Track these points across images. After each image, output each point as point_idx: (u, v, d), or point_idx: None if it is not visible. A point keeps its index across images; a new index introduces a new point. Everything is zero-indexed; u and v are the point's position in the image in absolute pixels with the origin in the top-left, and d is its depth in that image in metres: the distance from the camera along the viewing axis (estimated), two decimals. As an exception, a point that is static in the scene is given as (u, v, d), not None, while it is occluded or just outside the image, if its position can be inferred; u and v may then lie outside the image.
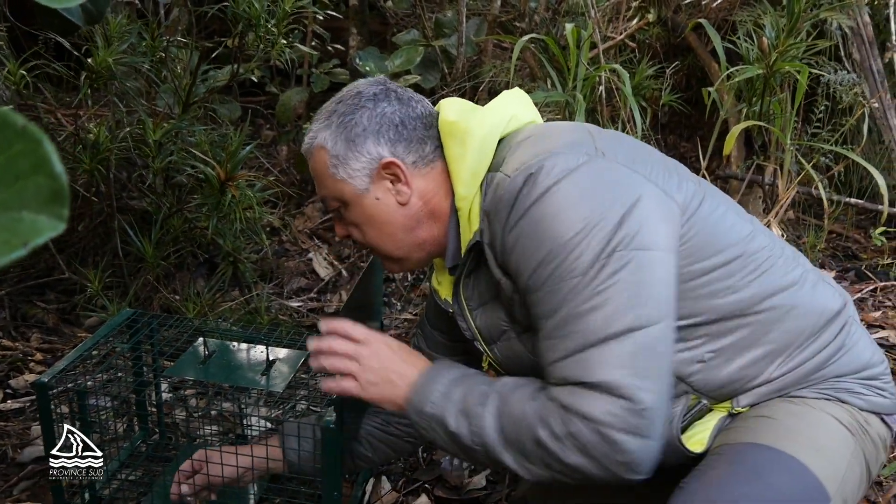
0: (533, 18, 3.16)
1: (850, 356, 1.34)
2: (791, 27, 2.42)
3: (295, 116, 3.34)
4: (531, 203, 1.22)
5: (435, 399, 1.31)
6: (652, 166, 1.30)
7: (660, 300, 1.20)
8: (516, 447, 1.24)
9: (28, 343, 2.67)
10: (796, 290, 1.32)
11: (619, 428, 1.15)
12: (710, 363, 1.30)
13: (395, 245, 1.46)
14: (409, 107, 1.44)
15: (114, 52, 2.06)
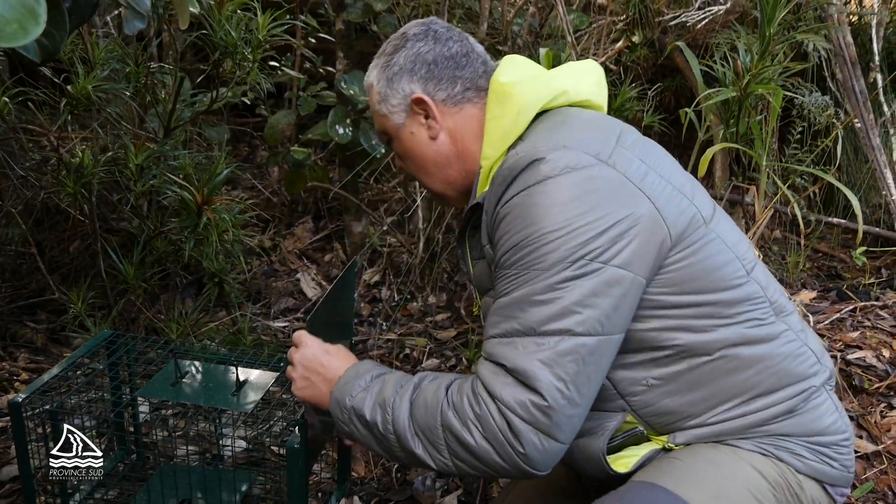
0: (516, 42, 3.20)
1: (801, 419, 1.34)
2: (763, 50, 2.45)
3: (283, 139, 3.39)
4: (526, 187, 1.27)
5: (355, 393, 1.36)
6: (664, 187, 1.31)
7: (608, 316, 1.23)
8: (426, 434, 1.29)
9: (15, 363, 2.71)
10: (765, 346, 1.33)
11: (523, 418, 1.21)
12: (653, 389, 1.32)
13: (430, 179, 1.57)
14: (445, 46, 1.51)
15: (93, 80, 2.11)
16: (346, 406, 1.37)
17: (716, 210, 1.40)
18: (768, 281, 1.40)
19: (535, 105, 1.41)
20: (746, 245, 1.41)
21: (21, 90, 2.36)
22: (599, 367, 1.25)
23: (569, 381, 1.21)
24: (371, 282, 3.38)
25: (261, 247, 3.60)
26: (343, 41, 3.26)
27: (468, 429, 1.25)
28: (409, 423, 1.31)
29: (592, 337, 1.22)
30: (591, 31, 3.68)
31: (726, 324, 1.31)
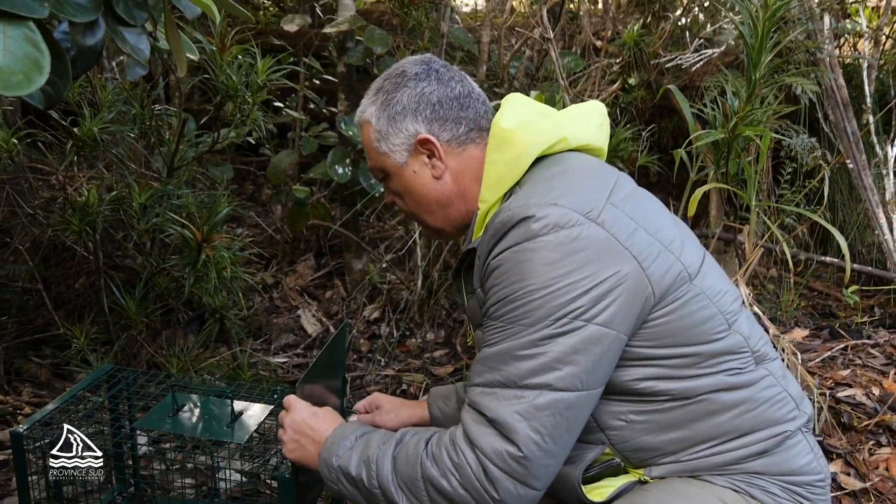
0: (513, 84, 3.29)
1: (775, 459, 1.37)
2: (750, 94, 2.52)
3: (286, 178, 3.47)
4: (516, 244, 1.31)
5: (341, 453, 1.42)
6: (651, 245, 1.34)
7: (587, 372, 1.27)
8: (408, 486, 1.34)
9: (19, 397, 2.76)
10: (745, 391, 1.36)
11: (499, 467, 1.26)
12: (632, 425, 1.36)
13: (431, 217, 1.59)
14: (448, 87, 1.53)
15: (100, 122, 2.19)
16: (333, 465, 1.42)
17: (704, 261, 1.42)
18: (752, 330, 1.43)
19: (532, 152, 1.45)
20: (732, 296, 1.44)
21: (30, 131, 2.45)
22: (578, 419, 1.30)
23: (545, 434, 1.26)
24: (370, 318, 3.43)
25: (263, 283, 3.66)
26: (344, 83, 3.35)
27: (447, 478, 1.30)
28: (392, 477, 1.36)
29: (572, 392, 1.26)
30: (589, 73, 3.77)
31: (706, 373, 1.34)
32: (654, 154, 3.57)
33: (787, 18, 3.45)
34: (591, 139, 1.52)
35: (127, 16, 1.30)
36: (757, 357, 1.40)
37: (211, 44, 2.22)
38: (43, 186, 2.99)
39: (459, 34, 3.36)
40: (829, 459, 2.34)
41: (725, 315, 1.37)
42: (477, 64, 3.50)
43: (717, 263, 1.52)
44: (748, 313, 1.47)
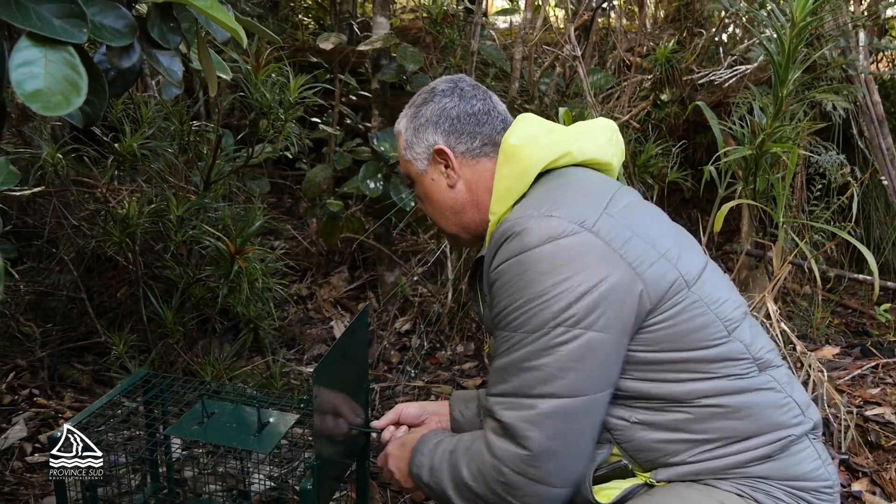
0: (543, 100, 3.33)
1: (780, 464, 1.40)
2: (777, 110, 2.53)
3: (320, 192, 3.54)
4: (512, 256, 1.39)
5: (417, 465, 1.62)
6: (647, 252, 1.39)
7: (591, 377, 1.34)
8: (457, 490, 1.50)
9: (61, 401, 2.86)
10: (746, 396, 1.39)
11: (513, 470, 1.37)
12: (635, 426, 1.41)
13: (446, 222, 1.71)
14: (469, 103, 1.65)
15: (140, 138, 2.28)
16: (414, 475, 1.62)
17: (705, 270, 1.47)
18: (754, 338, 1.45)
19: (537, 166, 1.52)
20: (734, 304, 1.47)
21: (76, 147, 2.55)
22: (587, 421, 1.37)
23: (554, 437, 1.35)
24: (402, 330, 3.48)
25: (297, 295, 3.74)
26: (378, 99, 3.42)
27: (476, 481, 1.44)
28: (449, 482, 1.52)
29: (576, 398, 1.34)
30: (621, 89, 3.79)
31: (705, 378, 1.38)
32: (686, 170, 3.59)
33: (819, 35, 3.45)
34: (596, 154, 1.59)
35: (161, 39, 1.37)
36: (760, 364, 1.43)
37: (246, 62, 2.30)
38: (88, 199, 3.11)
39: (492, 51, 3.42)
40: (854, 478, 2.34)
41: (724, 322, 1.41)
42: (510, 80, 3.55)
43: (722, 273, 1.57)
44: (752, 322, 1.51)
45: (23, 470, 2.42)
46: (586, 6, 3.46)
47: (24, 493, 2.28)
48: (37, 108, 1.11)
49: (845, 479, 2.32)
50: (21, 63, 1.12)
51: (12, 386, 2.93)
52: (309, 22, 5.08)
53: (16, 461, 2.45)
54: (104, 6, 1.25)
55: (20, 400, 2.84)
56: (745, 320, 1.48)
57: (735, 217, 3.90)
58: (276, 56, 2.49)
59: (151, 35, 1.35)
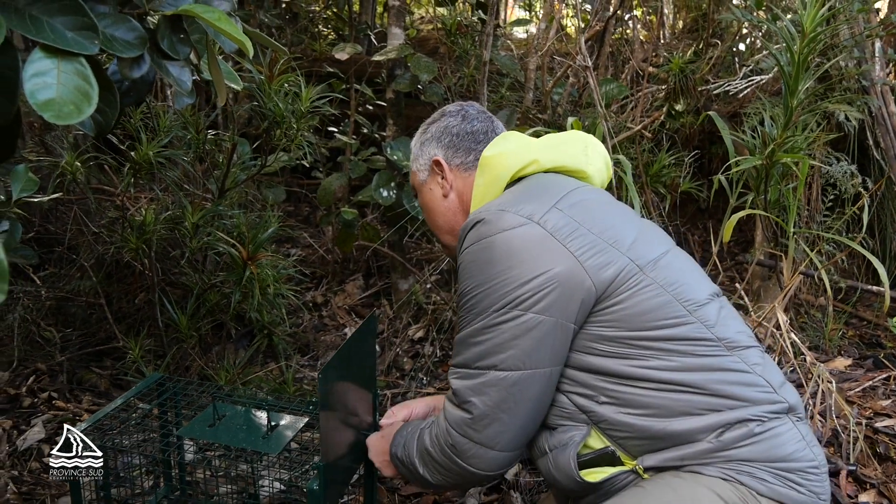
0: (556, 110, 3.36)
1: (761, 446, 1.42)
2: (787, 121, 2.54)
3: (335, 200, 3.59)
4: (469, 245, 1.55)
5: (395, 445, 1.79)
6: (593, 242, 1.50)
7: (528, 354, 1.47)
8: (422, 459, 1.67)
9: (79, 405, 2.92)
10: (711, 374, 1.45)
11: (458, 432, 1.55)
12: (605, 406, 1.49)
13: (439, 230, 1.88)
14: (470, 124, 1.83)
15: (155, 146, 2.34)
16: (395, 455, 1.77)
17: (665, 256, 1.56)
18: (722, 320, 1.52)
19: (507, 174, 1.68)
20: (698, 289, 1.55)
21: (95, 155, 2.61)
22: (527, 394, 1.49)
23: (493, 405, 1.50)
24: (415, 337, 3.51)
25: (313, 302, 3.78)
26: (393, 109, 3.46)
27: (433, 446, 1.62)
28: (416, 454, 1.69)
29: (514, 372, 1.48)
30: (636, 99, 3.81)
31: (666, 355, 1.45)
32: (700, 181, 3.60)
33: (834, 45, 3.45)
34: (565, 162, 1.72)
35: (171, 51, 1.41)
36: (727, 344, 1.49)
37: (260, 73, 2.35)
38: (108, 207, 3.17)
39: (506, 61, 3.45)
40: (862, 489, 2.33)
41: (684, 303, 1.49)
42: (524, 91, 3.58)
43: (692, 262, 1.66)
44: (725, 306, 1.60)
45: (40, 471, 2.47)
46: (599, 17, 3.49)
47: (41, 493, 2.33)
48: (49, 116, 1.15)
49: (853, 490, 2.31)
50: (34, 73, 1.16)
51: (32, 389, 2.99)
52: (328, 32, 5.14)
53: (34, 462, 2.50)
54: (115, 19, 1.30)
55: (39, 403, 2.90)
56: (713, 303, 1.55)
57: (750, 228, 3.90)
58: (290, 66, 2.54)
59: (161, 46, 1.40)
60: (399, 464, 1.78)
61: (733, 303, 2.88)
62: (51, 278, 3.34)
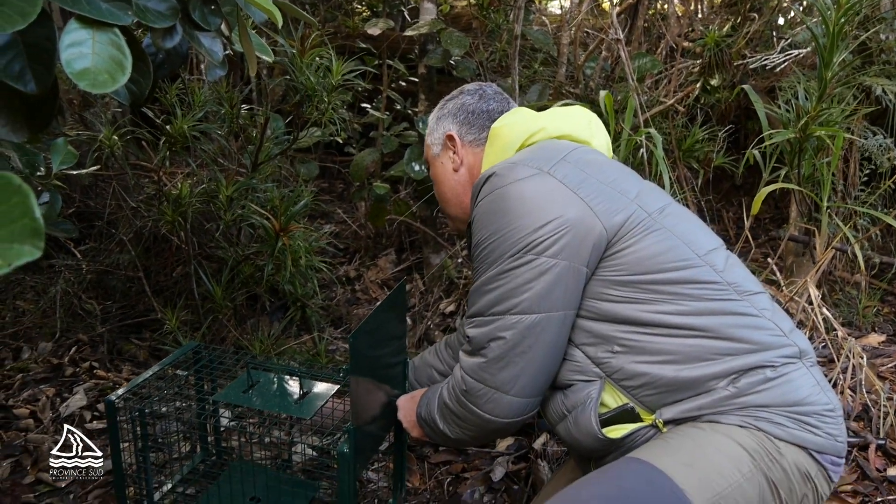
0: (588, 85, 3.34)
1: (776, 391, 1.44)
2: (821, 94, 2.51)
3: (368, 175, 3.62)
4: (483, 198, 1.60)
5: (420, 406, 1.85)
6: (601, 189, 1.56)
7: (543, 298, 1.50)
8: (441, 414, 1.72)
9: (119, 374, 3.00)
10: (722, 318, 1.48)
11: (473, 377, 1.59)
12: (619, 356, 1.52)
13: (447, 203, 1.94)
14: (485, 102, 1.89)
15: (190, 120, 2.38)
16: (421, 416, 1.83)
17: (668, 207, 1.61)
18: (729, 267, 1.56)
19: (516, 141, 1.74)
20: (704, 238, 1.59)
21: (131, 129, 2.67)
22: (541, 338, 1.52)
23: (508, 349, 1.53)
24: (446, 311, 3.54)
25: (346, 276, 3.83)
26: (425, 84, 3.48)
27: (450, 397, 1.67)
28: (437, 411, 1.74)
29: (529, 315, 1.51)
30: (670, 74, 3.78)
31: (677, 299, 1.48)
32: (735, 156, 3.56)
33: (875, 17, 3.39)
34: (571, 131, 1.77)
35: (202, 21, 1.45)
36: (737, 289, 1.52)
37: (292, 47, 2.38)
38: (146, 182, 3.24)
39: (539, 36, 3.44)
40: (891, 463, 2.32)
41: (692, 247, 1.53)
42: (557, 66, 3.57)
43: (694, 216, 1.69)
44: (731, 255, 1.63)
45: (82, 436, 2.54)
46: (632, -9, 3.46)
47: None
48: (84, 85, 1.19)
49: (881, 463, 2.30)
50: (70, 44, 1.20)
51: (74, 359, 3.08)
52: (361, 9, 5.16)
53: (76, 427, 2.58)
54: (148, -10, 1.33)
55: (81, 372, 2.99)
56: (719, 251, 1.59)
57: (786, 204, 3.86)
58: (322, 40, 2.56)
59: (193, 17, 1.43)
60: (423, 424, 1.83)
61: (765, 279, 2.87)
62: (91, 252, 3.42)
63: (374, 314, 1.82)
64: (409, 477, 2.31)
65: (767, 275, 2.84)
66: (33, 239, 0.81)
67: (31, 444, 2.43)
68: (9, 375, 2.92)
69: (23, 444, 2.44)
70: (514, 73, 2.99)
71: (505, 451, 2.40)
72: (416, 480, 2.32)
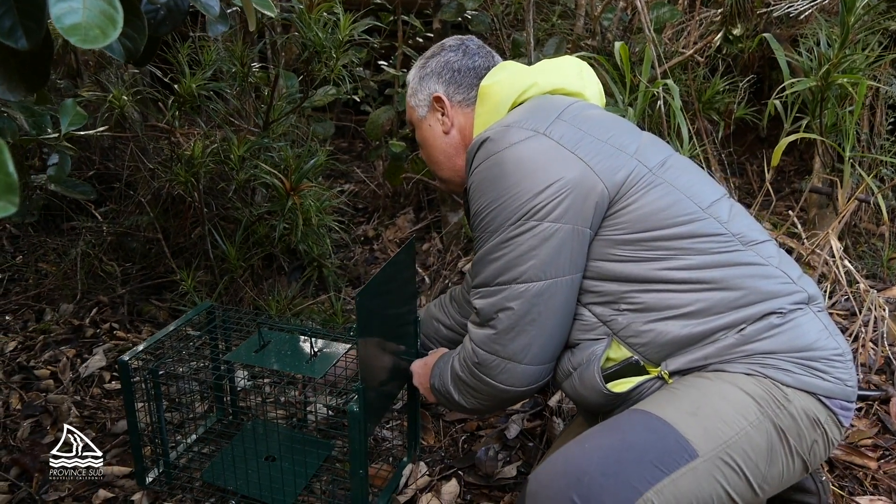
0: (605, 36, 3.27)
1: (783, 337, 1.42)
2: (843, 40, 2.43)
3: (384, 133, 3.58)
4: (479, 164, 1.55)
5: (433, 377, 1.84)
6: (600, 147, 1.52)
7: (549, 264, 1.47)
8: (455, 386, 1.72)
9: (139, 335, 3.03)
10: (729, 269, 1.45)
11: (484, 349, 1.57)
12: (625, 313, 1.49)
13: (438, 166, 1.88)
14: (471, 59, 1.81)
15: (199, 79, 2.36)
16: (435, 387, 1.83)
17: (669, 159, 1.57)
18: (734, 217, 1.53)
19: (508, 99, 1.68)
20: (707, 189, 1.56)
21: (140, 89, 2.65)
22: (551, 304, 1.50)
23: (518, 318, 1.51)
24: (464, 269, 3.52)
25: (364, 235, 3.82)
26: (440, 39, 3.41)
27: (462, 371, 1.66)
28: (451, 381, 1.74)
29: (536, 283, 1.48)
30: (691, 24, 3.68)
31: (682, 253, 1.46)
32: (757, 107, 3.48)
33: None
34: (563, 84, 1.72)
35: (197, -26, 1.42)
36: (742, 240, 1.49)
37: (300, 2, 2.34)
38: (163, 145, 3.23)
39: (555, -13, 3.36)
40: (914, 416, 2.28)
41: (695, 200, 1.50)
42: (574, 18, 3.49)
43: (696, 167, 1.65)
44: (735, 205, 1.60)
45: (101, 396, 2.57)
46: (651, -62, 3.36)
47: (101, 417, 2.44)
48: (75, 40, 1.17)
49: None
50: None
51: (95, 320, 3.11)
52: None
53: (95, 388, 2.61)
54: (138, -58, 1.30)
55: (101, 333, 3.01)
56: (723, 201, 1.56)
57: (810, 156, 3.77)
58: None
59: (187, -30, 1.40)
60: (437, 394, 1.82)
61: (786, 231, 2.81)
62: (111, 214, 3.44)
63: (382, 273, 1.80)
64: (423, 435, 2.32)
65: (789, 227, 2.78)
66: (7, 195, 0.80)
67: (52, 405, 2.46)
68: (31, 337, 2.96)
69: (43, 404, 2.47)
70: (528, 26, 2.92)
71: (520, 408, 2.39)
72: (430, 439, 2.32)
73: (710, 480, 1.31)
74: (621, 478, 1.26)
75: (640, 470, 1.27)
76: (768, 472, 1.37)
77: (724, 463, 1.32)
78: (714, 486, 1.31)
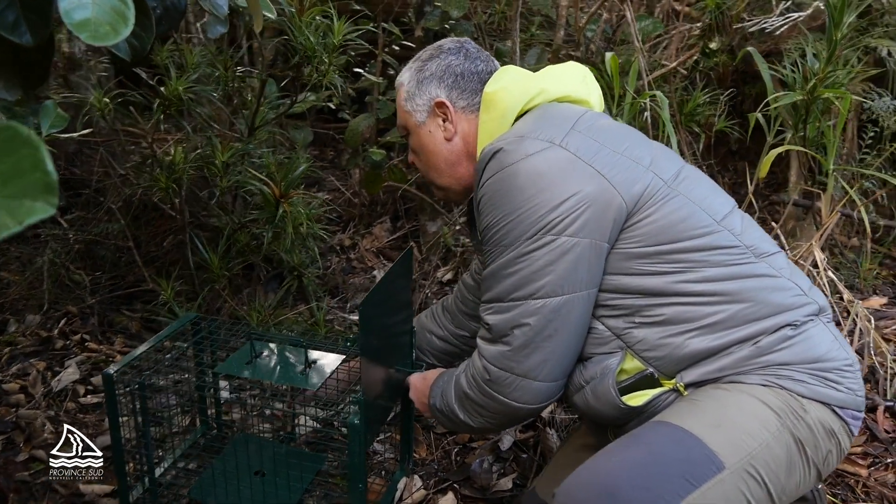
0: (589, 47, 3.27)
1: (796, 348, 1.42)
2: (830, 55, 2.45)
3: (363, 141, 3.53)
4: (491, 175, 1.49)
5: (433, 396, 1.78)
6: (616, 160, 1.48)
7: (566, 279, 1.44)
8: (461, 404, 1.66)
9: (112, 346, 2.93)
10: (742, 281, 1.44)
11: (498, 367, 1.52)
12: (641, 327, 1.47)
13: (438, 174, 1.80)
14: (473, 63, 1.75)
15: (185, 82, 2.29)
16: (431, 405, 1.78)
17: (682, 171, 1.55)
18: (745, 229, 1.53)
19: (515, 106, 1.63)
20: (720, 201, 1.55)
21: (121, 91, 2.57)
22: (568, 320, 1.46)
23: (534, 335, 1.47)
24: (443, 279, 3.48)
25: (340, 245, 3.76)
26: (422, 47, 3.38)
27: (471, 388, 1.60)
28: (455, 400, 1.68)
29: (553, 298, 1.44)
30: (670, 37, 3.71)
31: (697, 266, 1.44)
32: (734, 120, 3.51)
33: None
34: (570, 91, 1.69)
35: (207, -27, 1.37)
36: (754, 251, 1.49)
37: (291, 5, 2.29)
38: (134, 149, 3.14)
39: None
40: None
41: (710, 213, 1.49)
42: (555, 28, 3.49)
43: (706, 178, 1.64)
44: (744, 216, 1.59)
45: (76, 411, 2.48)
46: (633, -50, 3.38)
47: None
48: (85, 37, 1.12)
49: (890, 425, 2.29)
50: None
51: (64, 332, 3.00)
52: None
53: (69, 402, 2.51)
54: (151, -63, 1.25)
55: (72, 345, 2.91)
56: (735, 213, 1.56)
57: (783, 169, 3.82)
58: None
59: (197, -32, 1.35)
60: (439, 414, 1.76)
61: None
62: (78, 221, 3.33)
63: (383, 282, 1.76)
64: (415, 448, 2.27)
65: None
66: (46, 195, 0.74)
67: (24, 421, 2.36)
68: (-4, 349, 2.85)
69: (14, 420, 2.37)
70: (514, 35, 2.91)
71: (511, 420, 2.36)
72: (423, 451, 2.28)
73: (736, 492, 1.29)
74: (654, 492, 1.24)
75: (670, 483, 1.25)
76: (787, 483, 1.37)
77: (748, 475, 1.31)
78: (739, 497, 1.30)
